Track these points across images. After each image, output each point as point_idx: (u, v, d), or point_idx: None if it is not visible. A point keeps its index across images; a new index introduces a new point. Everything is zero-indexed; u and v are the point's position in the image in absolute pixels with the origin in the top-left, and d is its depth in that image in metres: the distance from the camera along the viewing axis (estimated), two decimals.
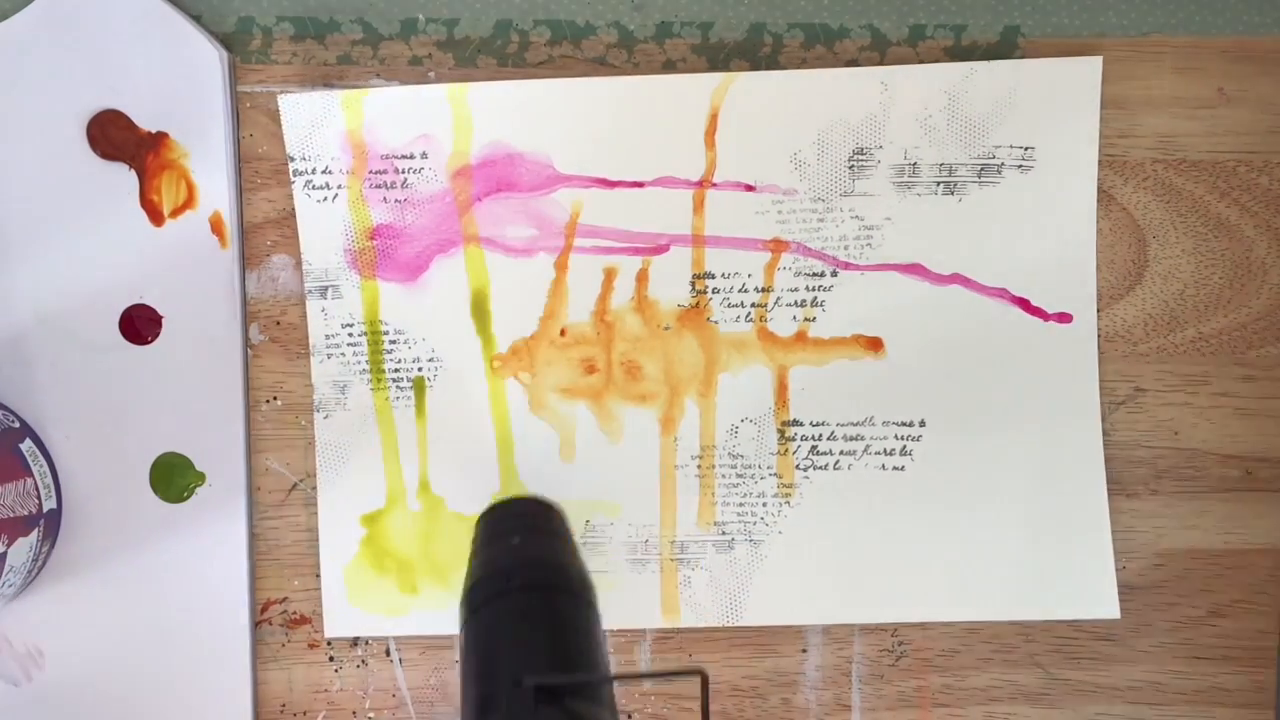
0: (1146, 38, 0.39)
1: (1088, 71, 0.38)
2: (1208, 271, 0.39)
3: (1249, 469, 0.40)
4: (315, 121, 0.38)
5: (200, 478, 0.40)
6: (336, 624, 0.40)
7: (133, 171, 0.39)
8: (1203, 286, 0.39)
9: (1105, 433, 0.40)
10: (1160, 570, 0.40)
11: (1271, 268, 0.39)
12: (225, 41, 0.39)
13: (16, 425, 0.39)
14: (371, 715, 0.41)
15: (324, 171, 0.39)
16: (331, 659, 0.41)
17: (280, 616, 0.41)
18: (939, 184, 0.38)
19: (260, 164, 0.40)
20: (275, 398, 0.40)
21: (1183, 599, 0.40)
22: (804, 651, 0.40)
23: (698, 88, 0.38)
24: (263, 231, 0.40)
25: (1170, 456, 0.40)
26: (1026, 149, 0.38)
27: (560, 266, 0.39)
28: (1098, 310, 0.39)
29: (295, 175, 0.39)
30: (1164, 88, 0.39)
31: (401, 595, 0.40)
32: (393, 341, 0.40)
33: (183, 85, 0.38)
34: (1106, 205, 0.39)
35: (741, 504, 0.40)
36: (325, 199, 0.39)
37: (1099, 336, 0.39)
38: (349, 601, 0.40)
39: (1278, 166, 0.39)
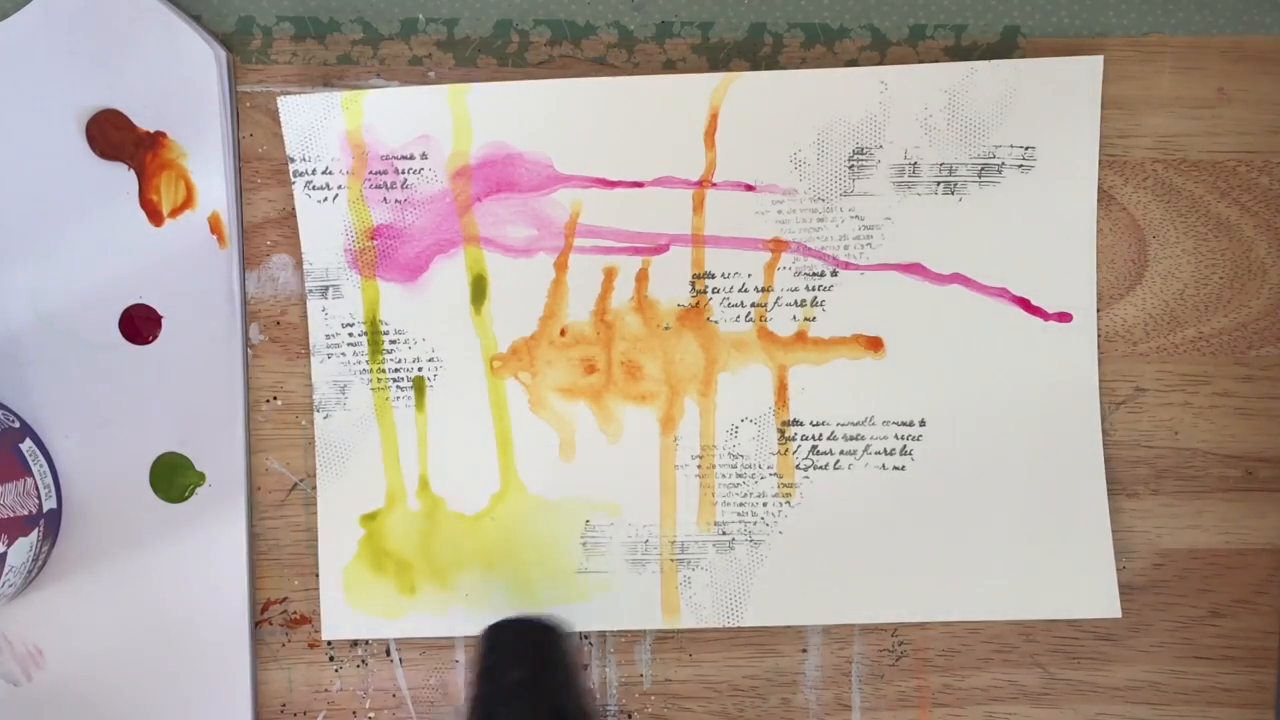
0: (1146, 38, 0.39)
1: (1089, 70, 0.38)
2: (1208, 271, 0.39)
3: (1249, 469, 0.40)
4: (315, 122, 0.38)
5: (200, 478, 0.40)
6: (334, 625, 0.40)
7: (132, 171, 0.39)
8: (1203, 286, 0.39)
9: (1105, 433, 0.40)
10: (1160, 570, 0.40)
11: (1271, 267, 0.39)
12: (225, 41, 0.39)
13: (16, 425, 0.39)
14: (371, 715, 0.41)
15: (324, 172, 0.39)
16: (331, 659, 0.41)
17: (280, 616, 0.41)
18: (939, 184, 0.38)
19: (260, 164, 0.40)
20: (275, 398, 0.40)
21: (1183, 599, 0.40)
22: (804, 651, 0.40)
23: (697, 88, 0.38)
24: (263, 231, 0.40)
25: (1170, 456, 0.40)
26: (1027, 149, 0.38)
27: (560, 266, 0.39)
28: (1098, 310, 0.39)
29: (295, 176, 0.39)
30: (1164, 87, 0.39)
31: (400, 596, 0.40)
32: (393, 341, 0.40)
33: (180, 85, 0.38)
34: (1106, 205, 0.39)
35: (742, 504, 0.40)
36: (325, 199, 0.39)
37: (1100, 336, 0.39)
38: (347, 602, 0.40)
39: (1278, 166, 0.39)
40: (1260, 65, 0.39)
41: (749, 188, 0.39)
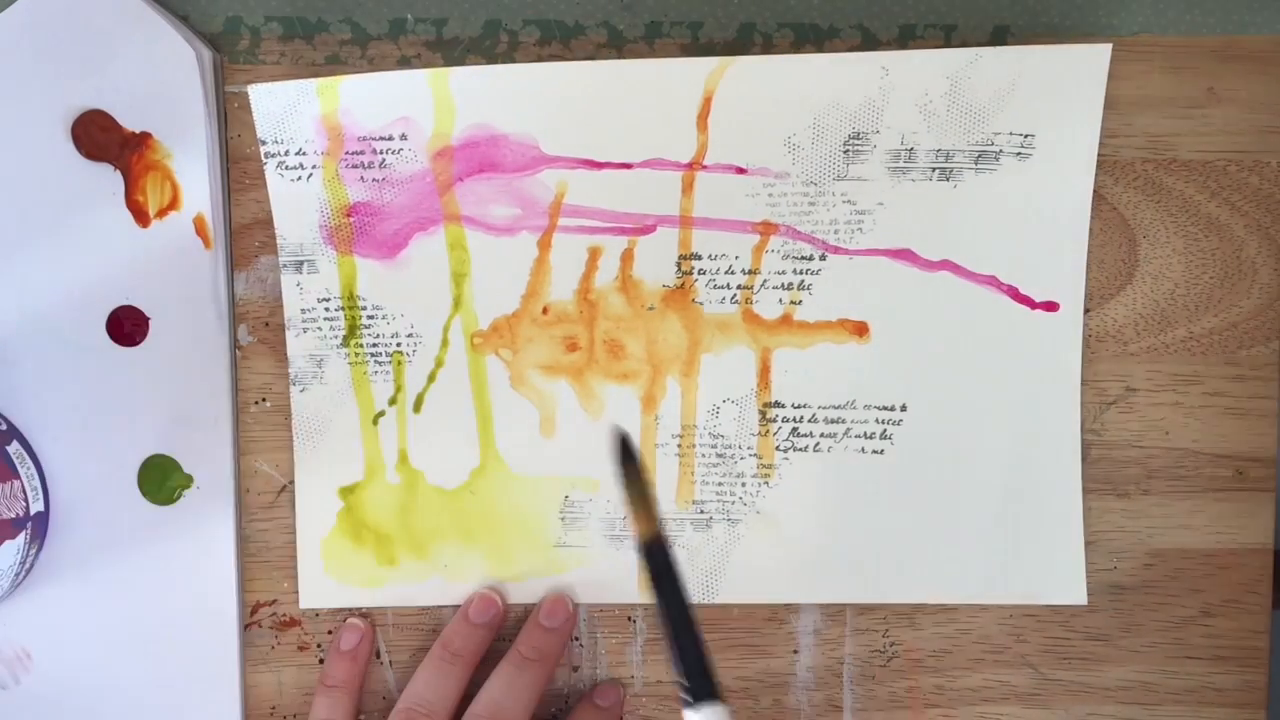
0: (1136, 37, 0.39)
1: (1095, 58, 0.37)
2: (1198, 271, 0.39)
3: (1240, 468, 0.40)
4: (288, 108, 0.38)
5: (188, 480, 0.40)
6: (312, 595, 0.40)
7: (118, 172, 0.39)
8: (1193, 286, 0.39)
9: (1096, 433, 0.40)
10: (1151, 570, 0.40)
11: (1262, 267, 0.39)
12: (213, 42, 0.39)
13: (3, 428, 0.39)
14: (362, 718, 0.41)
15: (297, 153, 0.39)
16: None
17: (270, 619, 0.41)
18: (935, 170, 0.38)
19: (248, 164, 0.39)
20: (264, 399, 0.40)
21: (1174, 599, 0.40)
22: (795, 653, 0.40)
23: (692, 72, 0.38)
24: (251, 232, 0.40)
25: (1161, 456, 0.40)
26: (1026, 136, 0.38)
27: (543, 245, 0.39)
28: (1089, 309, 0.39)
29: (267, 158, 0.39)
30: (1154, 87, 0.39)
31: (379, 567, 0.40)
32: (370, 317, 0.40)
33: (165, 85, 0.38)
34: (1097, 205, 0.39)
35: (720, 484, 0.40)
36: (299, 178, 0.39)
37: (1090, 335, 0.39)
38: (326, 573, 0.40)
39: (1268, 166, 0.39)
40: (1250, 65, 0.39)
41: (740, 170, 0.39)
